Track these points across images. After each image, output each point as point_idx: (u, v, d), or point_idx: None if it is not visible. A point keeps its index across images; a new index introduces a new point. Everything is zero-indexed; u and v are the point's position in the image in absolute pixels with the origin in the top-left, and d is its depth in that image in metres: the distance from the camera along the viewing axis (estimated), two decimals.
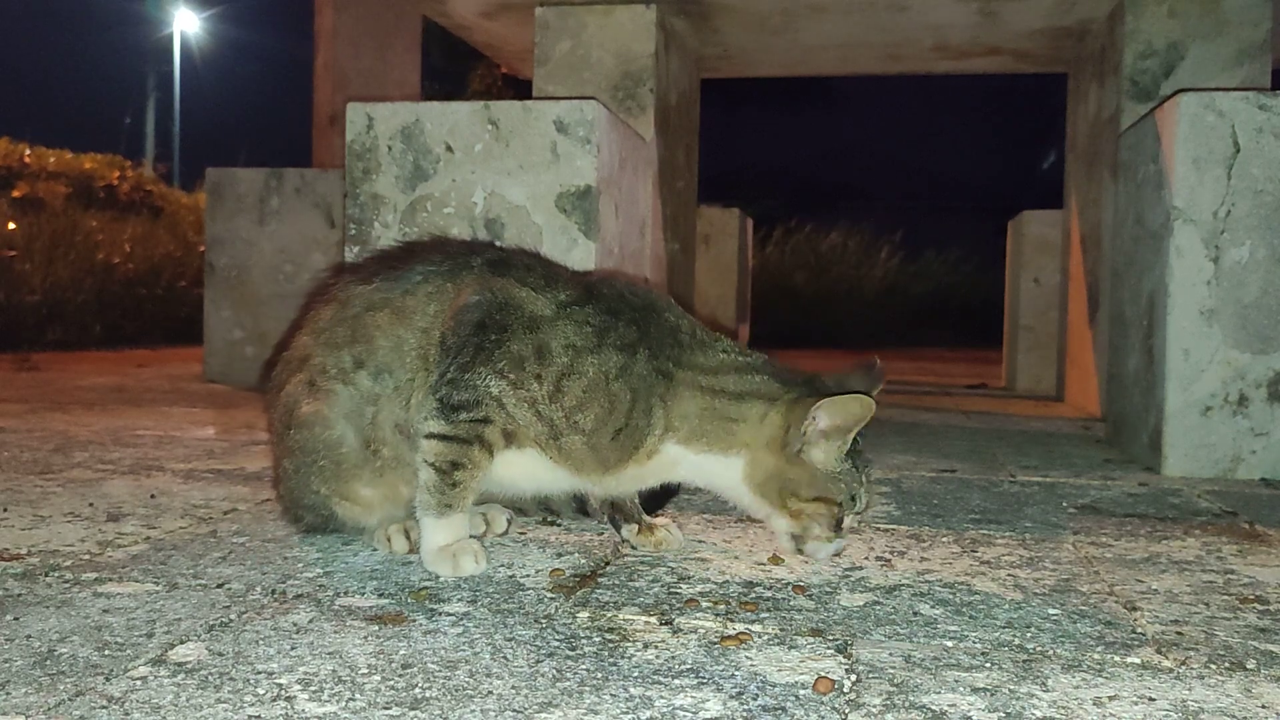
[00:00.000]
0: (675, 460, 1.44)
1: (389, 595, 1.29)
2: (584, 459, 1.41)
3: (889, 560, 1.54)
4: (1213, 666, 1.10)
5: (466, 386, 1.38)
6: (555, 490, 1.56)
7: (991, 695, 0.99)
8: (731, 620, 1.22)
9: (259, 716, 0.90)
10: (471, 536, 1.62)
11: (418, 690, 0.97)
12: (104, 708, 0.91)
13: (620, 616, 1.22)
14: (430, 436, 1.39)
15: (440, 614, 1.21)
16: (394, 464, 1.46)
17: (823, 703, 0.96)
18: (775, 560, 1.51)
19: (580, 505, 1.71)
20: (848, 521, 1.44)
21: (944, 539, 1.70)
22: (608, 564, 1.47)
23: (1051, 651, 1.13)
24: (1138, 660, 1.11)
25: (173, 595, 1.26)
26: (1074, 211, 4.35)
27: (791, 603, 1.30)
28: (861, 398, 1.36)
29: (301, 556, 1.47)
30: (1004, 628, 1.21)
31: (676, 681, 1.01)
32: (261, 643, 1.09)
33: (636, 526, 1.57)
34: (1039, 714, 0.95)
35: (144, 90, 21.20)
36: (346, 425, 1.45)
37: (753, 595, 1.33)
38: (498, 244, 1.68)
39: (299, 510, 1.55)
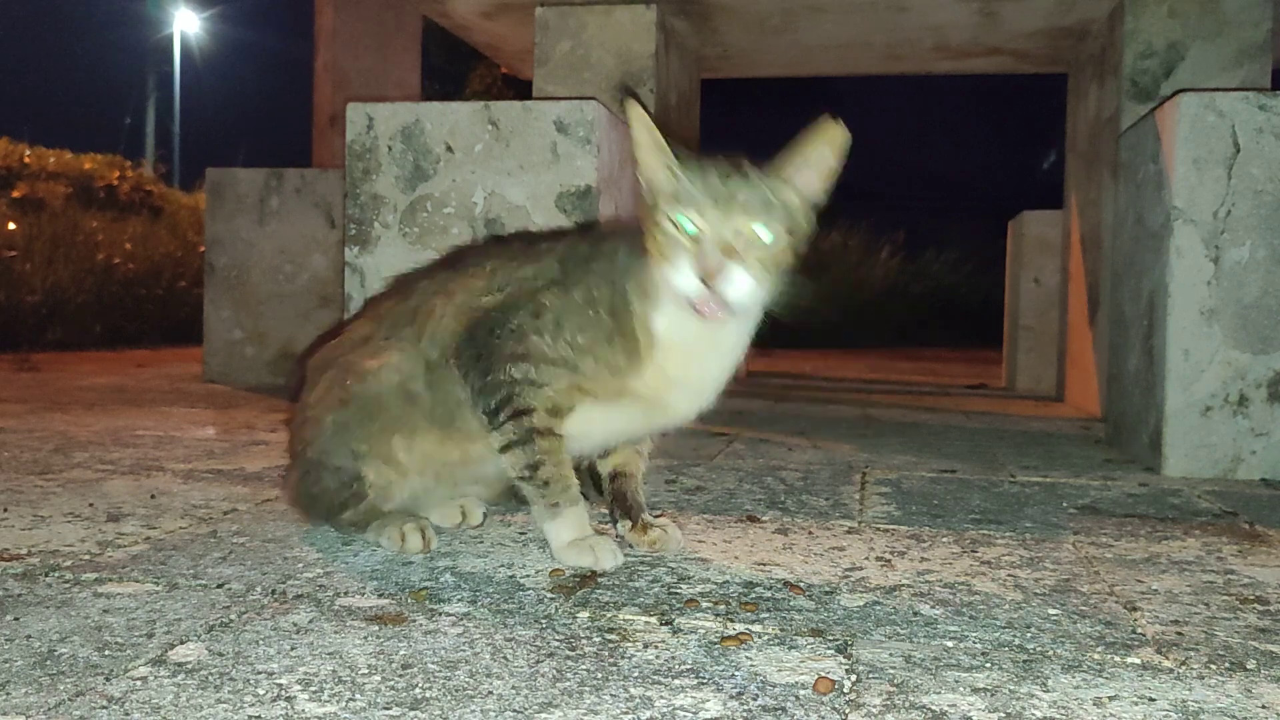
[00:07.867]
0: (673, 327, 1.38)
1: (389, 595, 1.29)
2: (603, 375, 1.42)
3: (889, 560, 1.54)
4: (1213, 667, 1.10)
5: (494, 387, 1.44)
6: (616, 436, 1.55)
7: (991, 695, 0.99)
8: (731, 620, 1.22)
9: (259, 717, 0.90)
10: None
11: (418, 690, 0.97)
12: (104, 708, 0.91)
13: (620, 617, 1.22)
14: (499, 451, 1.46)
15: (440, 614, 1.21)
16: (441, 438, 1.51)
17: (823, 703, 0.96)
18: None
19: (595, 480, 1.68)
20: (706, 239, 1.28)
21: (944, 539, 1.70)
22: None
23: (1051, 651, 1.13)
24: (1138, 660, 1.11)
25: (173, 595, 1.26)
26: (1074, 211, 4.35)
27: (791, 603, 1.30)
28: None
29: (301, 556, 1.47)
30: (1004, 628, 1.21)
31: (676, 682, 1.01)
32: (261, 643, 1.09)
33: (631, 523, 1.57)
34: (1039, 714, 0.95)
35: (144, 90, 21.23)
36: (420, 381, 1.49)
37: (753, 595, 1.33)
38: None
39: (320, 475, 1.52)
